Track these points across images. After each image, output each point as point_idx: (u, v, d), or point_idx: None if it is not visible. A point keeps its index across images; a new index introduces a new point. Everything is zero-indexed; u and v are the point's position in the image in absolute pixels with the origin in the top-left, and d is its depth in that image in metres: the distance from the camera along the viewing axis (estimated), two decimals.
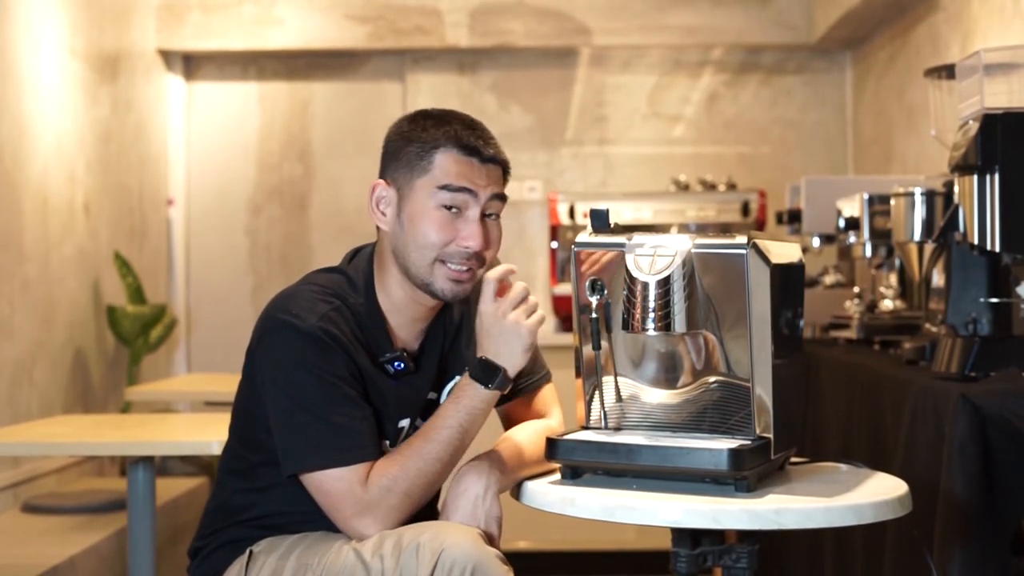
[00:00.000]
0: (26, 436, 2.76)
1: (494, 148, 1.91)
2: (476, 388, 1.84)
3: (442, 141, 1.87)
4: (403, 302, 1.91)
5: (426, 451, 1.81)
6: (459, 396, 1.85)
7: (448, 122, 1.90)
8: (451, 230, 1.86)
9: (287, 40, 5.42)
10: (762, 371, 1.73)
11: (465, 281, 1.88)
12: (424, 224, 1.86)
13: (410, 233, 1.87)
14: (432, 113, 1.93)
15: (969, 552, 1.95)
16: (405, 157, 1.88)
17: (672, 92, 5.59)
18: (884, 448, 2.45)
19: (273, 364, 1.83)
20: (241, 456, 1.95)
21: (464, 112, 1.98)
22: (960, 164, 2.25)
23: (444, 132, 1.88)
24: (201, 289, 5.66)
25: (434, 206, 1.86)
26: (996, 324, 2.31)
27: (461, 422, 1.83)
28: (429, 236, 1.85)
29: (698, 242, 1.74)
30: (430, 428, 1.83)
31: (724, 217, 4.98)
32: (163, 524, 3.67)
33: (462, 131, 1.89)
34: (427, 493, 1.82)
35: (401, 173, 1.89)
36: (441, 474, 1.83)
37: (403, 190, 1.88)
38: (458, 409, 1.83)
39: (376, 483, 1.78)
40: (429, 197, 1.86)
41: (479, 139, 1.89)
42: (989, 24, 3.66)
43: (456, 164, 1.86)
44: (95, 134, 4.71)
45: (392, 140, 1.92)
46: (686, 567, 1.75)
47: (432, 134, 1.88)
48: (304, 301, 1.84)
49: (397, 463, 1.80)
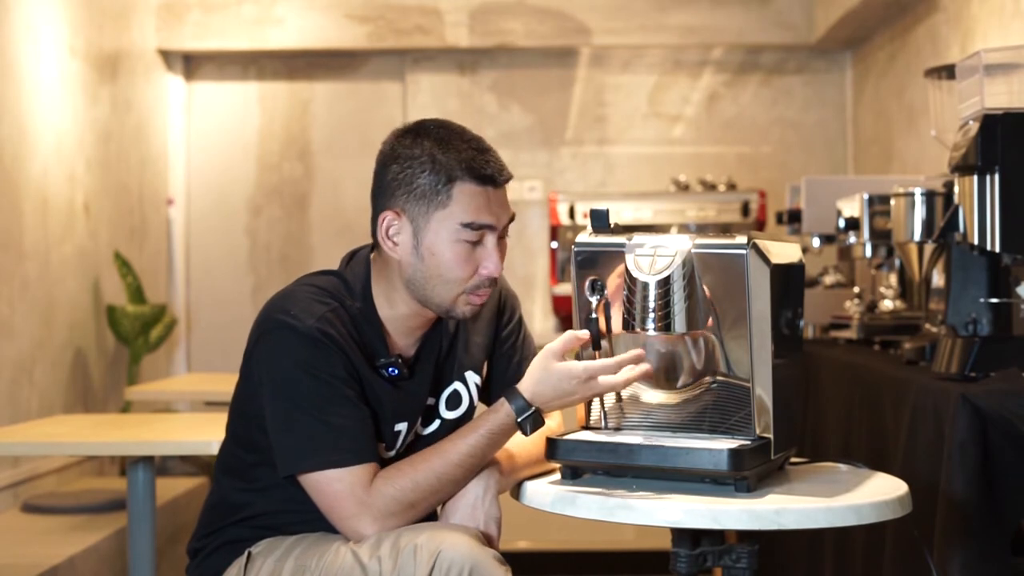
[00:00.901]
0: (26, 436, 2.76)
1: (504, 169, 1.86)
2: (508, 423, 1.81)
3: (456, 172, 1.81)
4: (405, 315, 1.91)
5: (440, 469, 1.80)
6: (487, 423, 1.82)
7: (453, 146, 1.83)
8: (473, 261, 1.84)
9: (287, 40, 5.42)
10: (762, 371, 1.73)
11: (483, 303, 1.89)
12: (447, 259, 1.83)
13: (432, 268, 1.84)
14: (431, 133, 1.85)
15: (969, 552, 1.95)
16: (419, 189, 1.82)
17: (672, 92, 5.60)
18: (884, 448, 2.44)
19: (270, 365, 1.82)
20: (237, 456, 1.95)
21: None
22: (960, 164, 2.25)
23: (456, 160, 1.81)
24: (201, 289, 5.66)
25: (455, 240, 1.83)
26: (996, 324, 2.31)
27: (482, 446, 1.81)
28: (455, 272, 1.83)
29: (698, 242, 1.74)
30: (449, 448, 1.81)
31: (724, 217, 4.98)
32: (163, 524, 3.67)
33: (477, 159, 1.82)
34: (431, 506, 1.82)
35: (414, 204, 1.83)
36: (450, 492, 1.82)
37: (418, 222, 1.83)
38: (481, 435, 1.81)
39: (382, 490, 1.77)
40: (451, 233, 1.82)
41: (491, 164, 1.83)
42: (989, 24, 3.66)
43: (474, 197, 1.82)
44: (95, 134, 4.71)
45: (393, 165, 1.85)
46: (686, 567, 1.75)
47: (443, 163, 1.81)
48: (301, 302, 1.84)
49: (408, 475, 1.79)
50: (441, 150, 1.82)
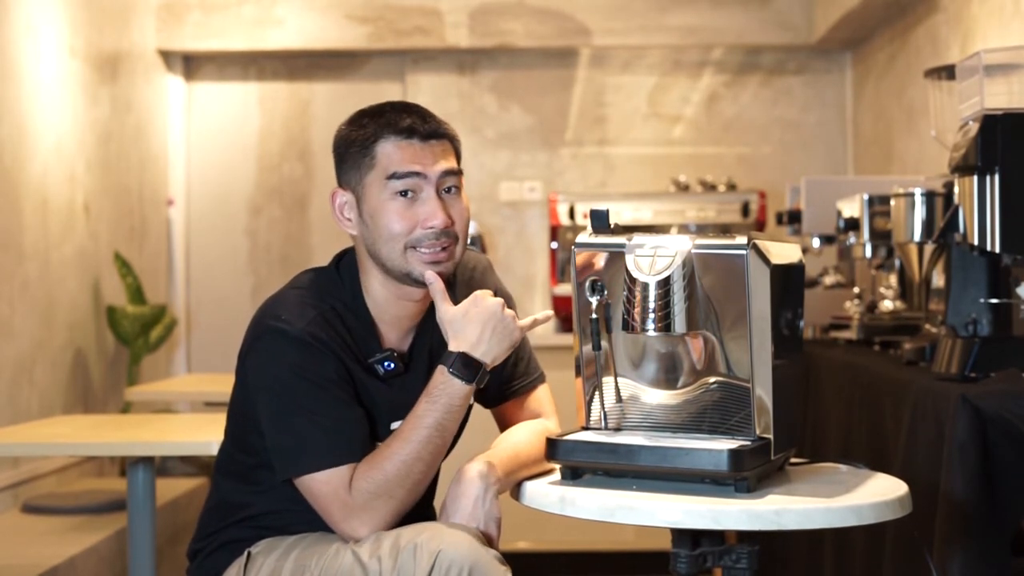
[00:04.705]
0: (26, 436, 2.76)
1: (433, 123, 1.89)
2: (454, 384, 1.82)
3: (380, 132, 1.86)
4: (388, 301, 1.91)
5: (405, 452, 1.79)
6: (434, 393, 1.82)
7: (382, 113, 1.89)
8: (411, 215, 1.85)
9: (287, 40, 5.42)
10: (762, 372, 1.73)
11: (443, 260, 1.87)
12: (384, 217, 1.85)
13: (375, 230, 1.87)
14: (367, 110, 1.92)
15: (969, 552, 1.95)
16: (351, 158, 1.88)
17: (672, 92, 5.60)
18: (884, 449, 2.45)
19: (264, 370, 1.83)
20: (236, 459, 1.96)
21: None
22: (960, 165, 2.25)
23: (379, 123, 1.87)
24: (201, 289, 5.66)
25: (388, 197, 1.85)
26: (996, 325, 2.31)
27: (439, 420, 1.81)
28: (392, 227, 1.85)
29: (698, 242, 1.74)
30: (407, 429, 1.81)
31: (724, 218, 4.98)
32: (163, 524, 3.68)
33: (396, 117, 1.87)
34: (412, 493, 1.81)
35: (351, 175, 1.89)
36: (425, 473, 1.81)
37: (357, 190, 1.88)
38: (435, 407, 1.81)
39: (358, 487, 1.78)
40: (382, 190, 1.86)
41: (415, 119, 1.87)
42: (989, 24, 3.66)
43: (397, 150, 1.86)
44: (95, 134, 4.72)
45: (337, 145, 1.92)
46: (686, 567, 1.75)
47: (369, 129, 1.87)
48: (292, 306, 1.85)
49: (377, 466, 1.79)
50: (369, 120, 1.89)
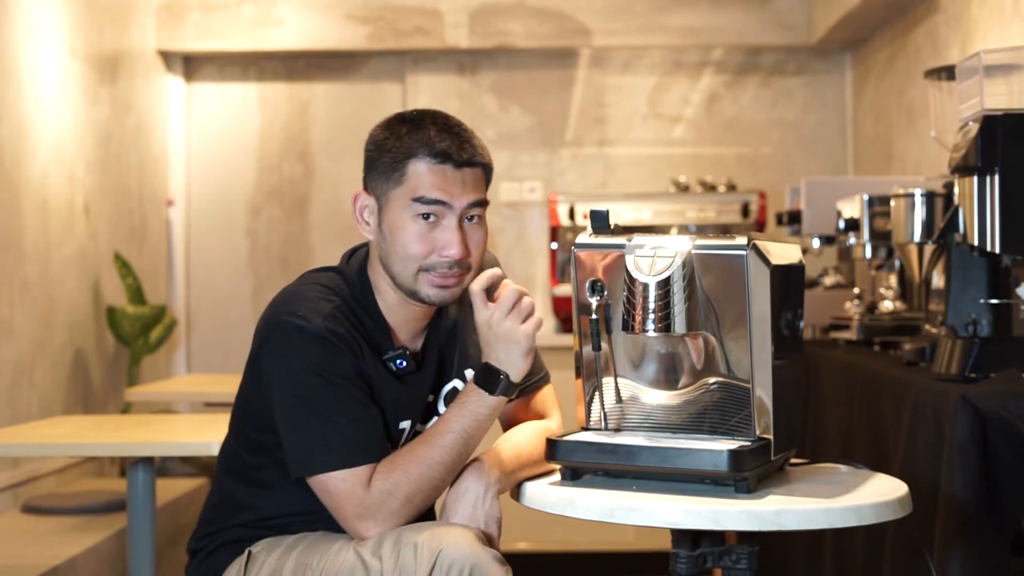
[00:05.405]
0: (26, 437, 2.76)
1: (470, 151, 1.85)
2: (480, 394, 1.83)
3: (415, 149, 1.83)
4: (397, 304, 1.91)
5: (429, 456, 1.80)
6: (464, 401, 1.84)
7: (422, 127, 1.85)
8: (429, 241, 1.84)
9: (287, 41, 5.42)
10: (762, 372, 1.73)
11: (451, 286, 1.87)
12: (403, 236, 1.84)
13: (392, 244, 1.86)
14: (408, 117, 1.88)
15: (969, 552, 1.95)
16: (381, 167, 1.86)
17: (672, 93, 5.60)
18: (884, 449, 2.45)
19: (280, 366, 1.82)
20: (240, 457, 1.95)
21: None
22: (960, 165, 2.25)
23: (417, 139, 1.83)
24: (201, 290, 5.66)
25: (410, 217, 1.84)
26: (996, 325, 2.31)
27: (466, 428, 1.82)
28: (409, 249, 1.84)
29: (698, 243, 1.74)
30: (434, 433, 1.82)
31: (724, 218, 4.98)
32: (163, 525, 3.68)
33: (434, 135, 1.84)
34: (429, 498, 1.82)
35: (379, 183, 1.87)
36: (444, 479, 1.82)
37: (381, 200, 1.87)
38: (463, 415, 1.82)
39: (378, 486, 1.77)
40: (405, 208, 1.84)
41: (453, 143, 1.84)
42: (989, 25, 3.66)
43: (429, 174, 1.83)
44: (95, 135, 4.72)
45: (370, 148, 1.89)
46: (686, 568, 1.75)
47: (405, 142, 1.84)
48: (308, 301, 1.84)
49: (400, 467, 1.79)
50: (408, 130, 1.85)
